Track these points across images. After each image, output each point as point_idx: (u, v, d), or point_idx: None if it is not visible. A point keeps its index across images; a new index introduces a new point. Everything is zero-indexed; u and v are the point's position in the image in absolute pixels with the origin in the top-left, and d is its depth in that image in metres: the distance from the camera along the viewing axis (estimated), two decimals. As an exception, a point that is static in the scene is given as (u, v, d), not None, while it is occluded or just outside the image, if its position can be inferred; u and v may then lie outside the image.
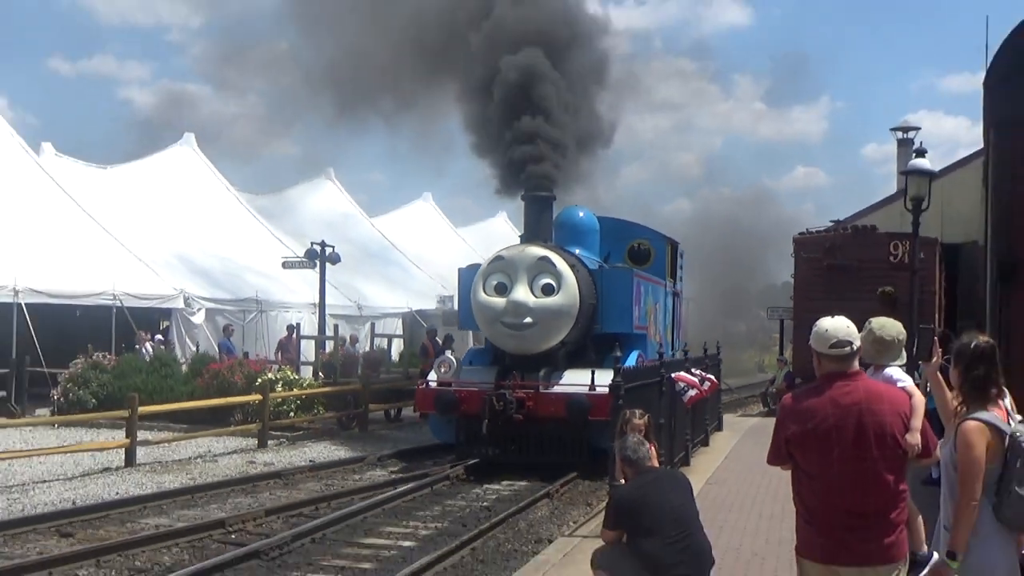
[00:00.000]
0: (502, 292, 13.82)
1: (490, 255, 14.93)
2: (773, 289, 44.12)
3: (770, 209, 71.63)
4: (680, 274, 19.80)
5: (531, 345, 13.85)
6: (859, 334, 4.34)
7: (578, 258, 14.62)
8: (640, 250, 17.22)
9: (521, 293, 13.63)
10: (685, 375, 12.64)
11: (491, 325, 14.06)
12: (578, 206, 16.51)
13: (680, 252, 19.70)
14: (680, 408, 12.58)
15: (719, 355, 18.43)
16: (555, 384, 13.64)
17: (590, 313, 14.34)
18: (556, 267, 13.77)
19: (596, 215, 16.58)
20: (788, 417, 4.21)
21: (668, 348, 17.28)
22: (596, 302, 14.52)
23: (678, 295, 19.72)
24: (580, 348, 14.39)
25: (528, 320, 13.60)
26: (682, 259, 20.11)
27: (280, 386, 18.05)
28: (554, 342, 13.88)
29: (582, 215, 16.15)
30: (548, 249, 14.12)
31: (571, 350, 14.24)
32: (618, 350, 13.47)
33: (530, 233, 14.86)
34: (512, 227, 35.66)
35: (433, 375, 14.34)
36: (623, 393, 9.36)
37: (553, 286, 13.69)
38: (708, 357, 16.34)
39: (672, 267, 18.55)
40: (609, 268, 15.50)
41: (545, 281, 13.71)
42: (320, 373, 20.84)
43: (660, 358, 12.64)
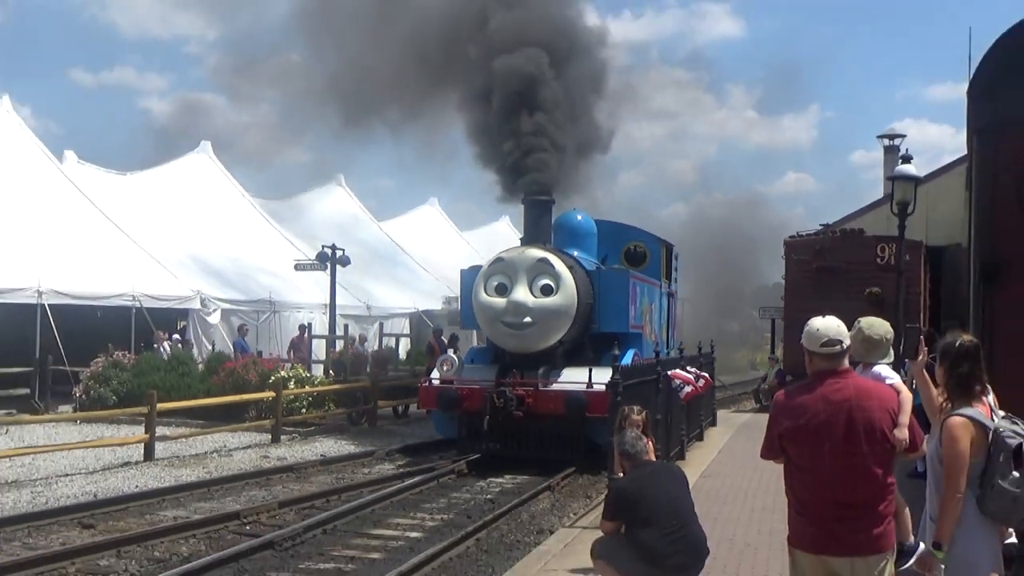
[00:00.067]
0: (502, 293, 13.79)
1: (491, 257, 14.91)
2: (765, 290, 44.02)
3: (762, 213, 71.42)
4: (675, 275, 19.77)
5: (530, 344, 13.81)
6: (849, 333, 4.33)
7: (576, 260, 14.59)
8: (636, 252, 17.19)
9: (521, 293, 13.60)
10: (681, 373, 12.63)
11: (492, 324, 14.03)
12: (576, 210, 16.48)
13: (675, 254, 19.67)
14: (676, 404, 12.57)
15: (713, 353, 18.40)
16: (554, 382, 13.60)
17: (587, 313, 14.30)
18: (555, 268, 13.74)
19: (594, 219, 16.55)
20: (781, 413, 4.20)
21: (663, 347, 17.25)
22: (593, 302, 14.48)
23: (673, 295, 19.69)
24: (578, 347, 14.34)
25: (527, 320, 13.57)
26: (677, 261, 20.08)
27: (292, 383, 18.07)
28: (553, 341, 13.84)
29: (580, 218, 16.12)
30: (547, 251, 14.09)
31: (569, 349, 14.19)
32: (615, 349, 13.45)
33: (530, 236, 14.84)
34: (514, 231, 35.57)
35: (436, 373, 14.32)
36: (621, 390, 9.34)
37: (552, 287, 13.66)
38: (702, 355, 16.32)
39: (667, 268, 18.52)
40: (606, 269, 15.47)
41: (544, 282, 13.68)
42: (331, 371, 20.86)
43: (656, 356, 12.62)
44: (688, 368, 13.38)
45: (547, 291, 13.65)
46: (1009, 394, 4.58)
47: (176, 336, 22.41)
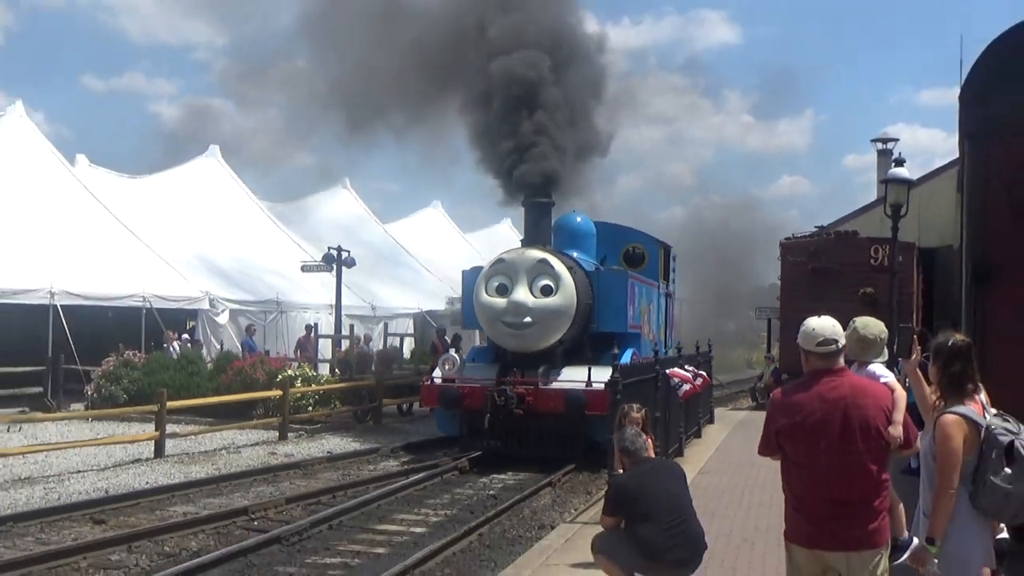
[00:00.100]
0: (503, 293, 13.77)
1: (492, 258, 14.89)
2: (761, 290, 43.93)
3: (758, 215, 71.43)
4: (673, 276, 19.74)
5: (530, 343, 13.79)
6: (844, 333, 4.33)
7: (575, 261, 14.57)
8: (634, 253, 17.17)
9: (521, 294, 13.59)
10: (679, 371, 12.61)
11: (492, 324, 14.01)
12: (576, 212, 16.47)
13: (673, 255, 19.65)
14: (674, 402, 12.55)
15: (710, 352, 18.36)
16: (553, 380, 13.57)
17: (587, 313, 14.29)
18: (554, 269, 13.72)
19: (593, 220, 16.54)
20: (778, 411, 4.19)
21: (661, 346, 17.25)
22: (592, 302, 14.46)
23: (671, 296, 19.67)
24: (577, 346, 14.32)
25: (528, 320, 13.55)
26: (675, 262, 20.05)
27: (299, 382, 18.05)
28: (552, 340, 13.82)
29: (580, 220, 16.09)
30: (547, 252, 14.07)
31: (569, 348, 14.17)
32: (614, 348, 13.44)
33: (530, 237, 14.82)
34: (516, 232, 35.52)
35: (438, 372, 14.31)
36: (621, 388, 9.34)
37: (551, 287, 13.64)
38: (700, 354, 16.28)
39: (665, 269, 18.50)
40: (605, 270, 15.45)
41: (544, 282, 13.66)
42: (336, 370, 20.84)
43: (655, 355, 12.60)
44: (686, 367, 13.36)
45: (547, 291, 13.64)
46: (1001, 393, 4.58)
47: (185, 336, 22.41)
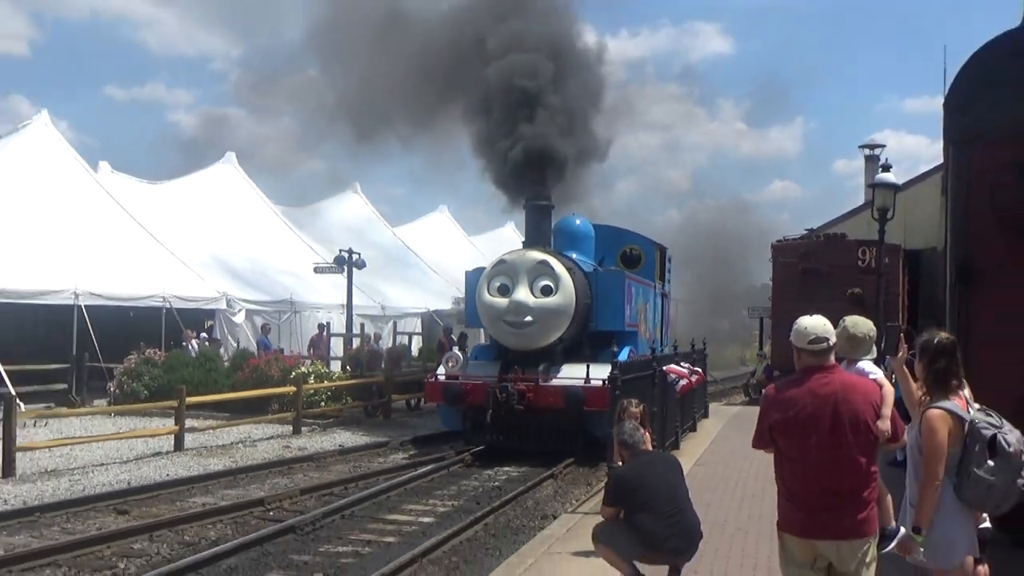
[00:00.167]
0: (504, 293, 13.77)
1: (494, 259, 14.89)
2: (753, 290, 43.89)
3: (751, 219, 71.34)
4: (668, 277, 19.73)
5: (531, 342, 13.78)
6: (834, 331, 4.33)
7: (574, 262, 14.56)
8: (632, 255, 17.16)
9: (522, 294, 13.58)
10: (675, 368, 12.61)
11: (494, 323, 14.00)
12: (575, 214, 16.47)
13: (669, 257, 19.64)
14: (671, 397, 12.55)
15: (705, 350, 18.38)
16: (553, 377, 13.57)
17: (585, 312, 14.28)
18: (554, 270, 13.72)
19: (591, 223, 16.53)
20: (771, 406, 4.19)
21: (657, 344, 17.23)
22: (591, 302, 14.45)
23: (667, 296, 19.66)
24: (576, 344, 14.30)
25: (528, 319, 13.54)
26: (670, 263, 20.04)
27: (312, 379, 18.07)
28: (552, 339, 13.81)
29: (579, 223, 16.09)
30: (547, 253, 14.06)
31: (568, 346, 14.15)
32: (613, 346, 13.44)
33: (530, 239, 14.81)
34: (520, 235, 35.51)
35: (442, 369, 14.31)
36: (620, 384, 9.33)
37: (551, 287, 13.63)
38: (695, 352, 16.30)
39: (661, 270, 18.49)
40: (603, 271, 15.45)
41: (544, 283, 13.66)
42: (348, 367, 20.84)
43: (652, 353, 12.60)
44: (682, 364, 13.37)
45: (547, 291, 13.64)
46: (983, 396, 4.56)
47: (204, 335, 22.43)
